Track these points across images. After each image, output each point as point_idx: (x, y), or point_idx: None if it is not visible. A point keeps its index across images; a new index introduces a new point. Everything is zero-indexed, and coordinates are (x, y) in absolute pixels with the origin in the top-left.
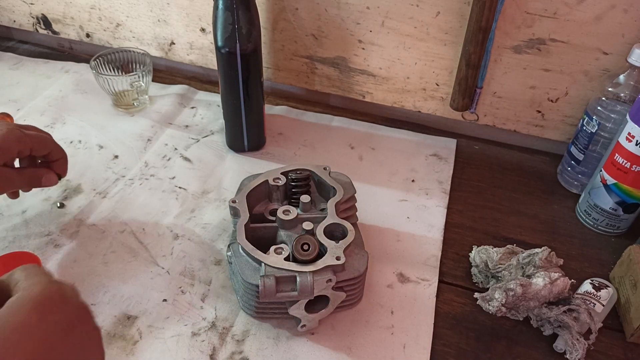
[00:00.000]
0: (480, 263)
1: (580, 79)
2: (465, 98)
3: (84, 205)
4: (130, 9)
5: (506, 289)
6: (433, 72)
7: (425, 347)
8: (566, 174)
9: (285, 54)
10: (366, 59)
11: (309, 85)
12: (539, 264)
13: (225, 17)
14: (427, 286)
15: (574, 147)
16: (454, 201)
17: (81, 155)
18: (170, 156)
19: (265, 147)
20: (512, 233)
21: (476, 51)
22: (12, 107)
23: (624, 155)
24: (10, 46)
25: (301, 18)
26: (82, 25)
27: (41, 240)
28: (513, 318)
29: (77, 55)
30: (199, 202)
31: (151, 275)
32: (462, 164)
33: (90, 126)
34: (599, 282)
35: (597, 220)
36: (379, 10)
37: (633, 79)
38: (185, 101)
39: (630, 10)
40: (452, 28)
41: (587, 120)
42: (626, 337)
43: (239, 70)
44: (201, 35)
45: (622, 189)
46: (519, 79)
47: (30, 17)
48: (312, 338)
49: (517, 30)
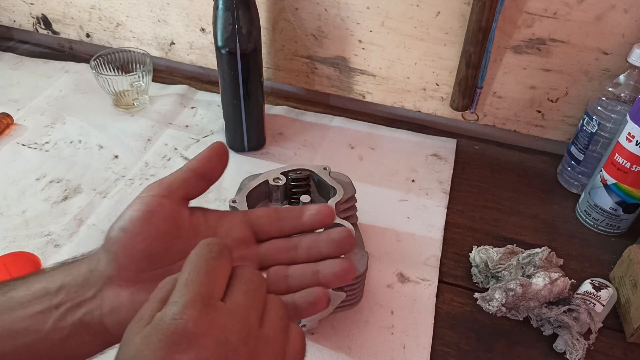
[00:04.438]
0: (480, 263)
1: (580, 79)
2: (465, 98)
3: (84, 205)
4: (130, 9)
5: (506, 289)
6: (433, 72)
7: (425, 347)
8: (566, 174)
9: (285, 54)
10: (366, 59)
11: (308, 85)
12: (539, 264)
13: (225, 17)
14: (427, 286)
15: (574, 147)
16: (454, 201)
17: (81, 155)
18: (170, 156)
19: (265, 147)
20: (512, 233)
21: (476, 51)
22: (12, 107)
23: (624, 155)
24: (10, 46)
25: (301, 18)
26: (82, 25)
27: (41, 240)
28: (513, 318)
29: (77, 55)
30: (199, 202)
31: None
32: (462, 164)
33: (90, 126)
34: (599, 282)
35: (597, 220)
36: (379, 10)
37: (633, 79)
38: (185, 101)
39: (630, 10)
40: (452, 28)
41: (587, 120)
42: (626, 337)
43: (239, 70)
44: (201, 35)
45: (622, 189)
46: (519, 79)
47: (30, 17)
48: (312, 338)
49: (517, 30)
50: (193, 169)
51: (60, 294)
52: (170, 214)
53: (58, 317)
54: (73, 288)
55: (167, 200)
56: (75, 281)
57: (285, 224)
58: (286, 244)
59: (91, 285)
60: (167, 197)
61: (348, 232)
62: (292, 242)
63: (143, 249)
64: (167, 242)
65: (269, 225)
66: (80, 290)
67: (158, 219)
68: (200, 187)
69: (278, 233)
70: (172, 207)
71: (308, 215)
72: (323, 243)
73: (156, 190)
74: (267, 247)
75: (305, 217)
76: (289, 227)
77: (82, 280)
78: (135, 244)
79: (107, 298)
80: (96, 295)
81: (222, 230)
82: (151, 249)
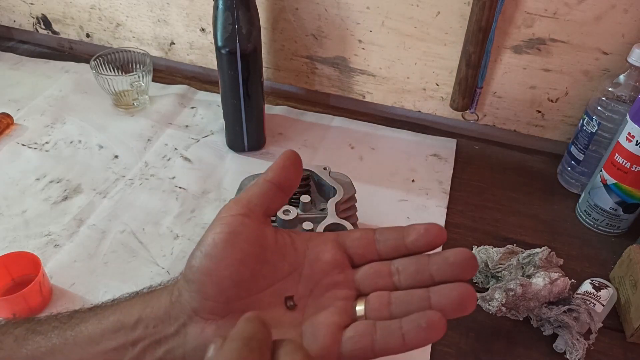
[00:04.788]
0: (481, 263)
1: (580, 79)
2: (465, 98)
3: (84, 205)
4: (130, 9)
5: (506, 289)
6: (433, 72)
7: (425, 347)
8: (566, 174)
9: (285, 54)
10: (366, 59)
11: (309, 85)
12: (539, 264)
13: (225, 17)
14: None
15: (574, 147)
16: (454, 201)
17: (81, 155)
18: (170, 156)
19: (265, 147)
20: (512, 233)
21: (476, 51)
22: (12, 107)
23: (624, 155)
24: (10, 46)
25: (301, 18)
26: (82, 25)
27: (41, 240)
28: (513, 318)
29: (77, 55)
30: (199, 202)
31: (151, 275)
32: (462, 164)
33: (90, 126)
34: (599, 282)
35: (597, 220)
36: (379, 10)
37: (633, 79)
38: (185, 101)
39: (630, 10)
40: (452, 28)
41: (587, 120)
42: (626, 337)
43: (239, 70)
44: (201, 35)
45: (622, 189)
46: (519, 79)
47: (30, 17)
48: None
49: (517, 30)
50: (270, 180)
51: (137, 328)
52: (255, 234)
53: (135, 355)
54: (152, 322)
55: (249, 220)
56: (156, 314)
57: (385, 245)
58: (387, 268)
59: (173, 319)
60: (248, 215)
61: (469, 253)
62: (394, 265)
63: (229, 275)
64: (254, 267)
65: (366, 248)
66: (161, 325)
67: (242, 240)
68: (280, 199)
69: (376, 257)
70: (255, 226)
71: (414, 235)
72: (435, 266)
73: (235, 209)
74: (365, 272)
75: (410, 238)
76: (389, 250)
77: (162, 313)
78: (220, 270)
79: (192, 334)
80: (179, 331)
81: (312, 253)
82: (238, 275)
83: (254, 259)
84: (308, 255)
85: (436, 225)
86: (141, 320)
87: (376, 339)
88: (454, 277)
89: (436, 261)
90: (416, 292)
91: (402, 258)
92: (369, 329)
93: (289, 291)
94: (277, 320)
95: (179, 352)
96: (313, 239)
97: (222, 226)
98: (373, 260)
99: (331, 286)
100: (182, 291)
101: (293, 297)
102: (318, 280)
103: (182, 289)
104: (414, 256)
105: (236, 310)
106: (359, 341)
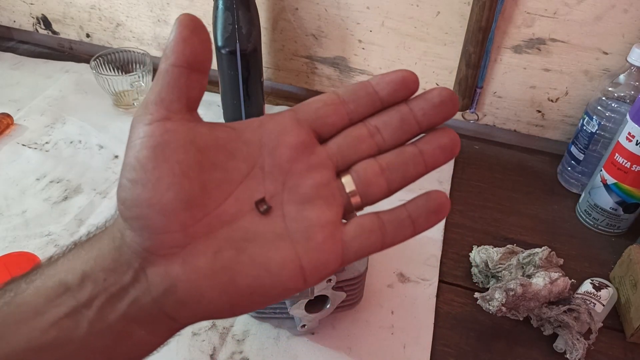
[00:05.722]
0: (481, 263)
1: (580, 78)
2: (465, 98)
3: (84, 205)
4: (130, 9)
5: (506, 289)
6: (433, 72)
7: (425, 347)
8: (566, 174)
9: (285, 54)
10: (366, 59)
11: (309, 85)
12: (539, 263)
13: (225, 17)
14: (427, 286)
15: (574, 147)
16: (454, 201)
17: (81, 155)
18: None
19: None
20: (512, 233)
21: (476, 51)
22: (12, 107)
23: (624, 155)
24: (10, 46)
25: (301, 18)
26: (82, 25)
27: (41, 240)
28: (513, 318)
29: (77, 55)
30: None
31: None
32: (462, 164)
33: (90, 126)
34: (599, 282)
35: (597, 220)
36: (379, 10)
37: (633, 79)
38: None
39: (630, 10)
40: (452, 28)
41: (587, 120)
42: (626, 337)
43: (239, 70)
44: None
45: (622, 189)
46: (519, 78)
47: (30, 17)
48: (312, 338)
49: (517, 30)
50: (174, 63)
51: (85, 286)
52: (186, 138)
53: (93, 317)
54: (101, 275)
55: (171, 123)
56: (102, 265)
57: (357, 105)
58: (364, 130)
59: (125, 266)
60: (168, 117)
61: (449, 90)
62: (371, 124)
63: (174, 197)
64: (200, 177)
65: (334, 115)
66: (112, 276)
67: (173, 150)
68: (196, 82)
69: (347, 122)
70: (183, 128)
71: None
72: (421, 111)
73: (149, 116)
74: (340, 142)
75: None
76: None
77: (110, 262)
78: (161, 194)
79: (155, 277)
80: (137, 278)
81: (268, 141)
82: (184, 193)
83: (197, 167)
84: (265, 145)
85: (403, 70)
86: (87, 275)
87: (386, 232)
88: (440, 119)
89: (421, 106)
90: (406, 150)
91: (379, 114)
92: (375, 223)
93: (255, 193)
94: (255, 233)
95: (147, 300)
96: (265, 124)
97: (142, 140)
98: (345, 127)
99: (305, 172)
100: (125, 231)
101: (264, 198)
102: (286, 170)
103: (123, 229)
104: (392, 107)
105: (198, 235)
106: (368, 238)
